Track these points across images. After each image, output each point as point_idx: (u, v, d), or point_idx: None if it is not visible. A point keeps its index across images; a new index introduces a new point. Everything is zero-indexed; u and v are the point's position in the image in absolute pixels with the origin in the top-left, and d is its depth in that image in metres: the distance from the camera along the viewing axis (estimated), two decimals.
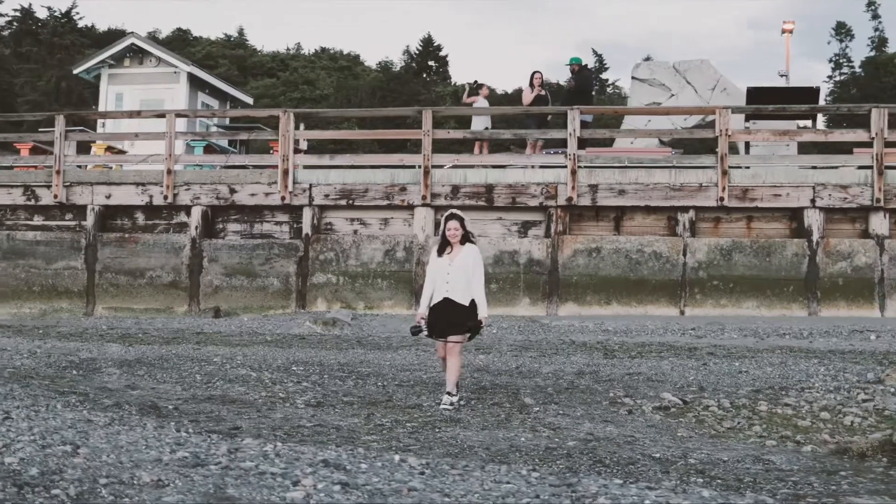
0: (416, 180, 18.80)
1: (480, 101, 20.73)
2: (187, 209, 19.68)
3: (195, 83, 28.53)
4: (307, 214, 19.12)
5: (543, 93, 20.16)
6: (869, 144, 18.60)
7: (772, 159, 18.89)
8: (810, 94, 20.48)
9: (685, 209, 18.37)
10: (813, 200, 18.11)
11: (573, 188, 18.26)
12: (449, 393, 8.72)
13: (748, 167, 18.84)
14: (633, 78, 29.14)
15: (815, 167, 18.75)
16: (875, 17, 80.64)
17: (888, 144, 18.18)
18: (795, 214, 18.39)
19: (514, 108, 21.81)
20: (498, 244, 18.54)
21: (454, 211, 9.48)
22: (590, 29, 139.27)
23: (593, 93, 20.38)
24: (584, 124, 18.91)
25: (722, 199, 18.08)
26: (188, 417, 7.35)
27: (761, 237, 18.42)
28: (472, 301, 8.98)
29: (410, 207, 18.88)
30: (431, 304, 9.10)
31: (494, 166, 19.24)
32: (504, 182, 18.68)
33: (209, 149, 22.58)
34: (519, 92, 69.60)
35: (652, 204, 18.35)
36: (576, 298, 18.29)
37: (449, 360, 8.90)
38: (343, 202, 19.00)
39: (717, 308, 18.03)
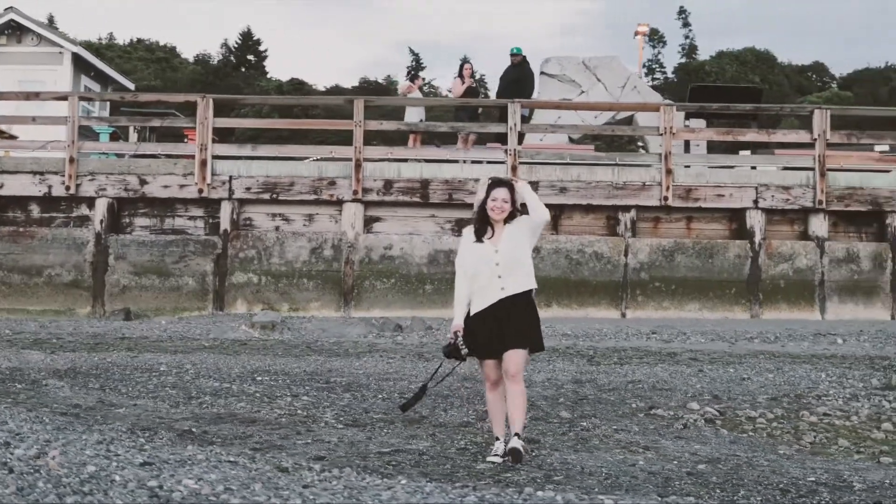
0: (347, 174, 18.24)
1: (415, 93, 20.37)
2: (90, 201, 18.56)
3: (80, 65, 27.35)
4: (226, 209, 18.32)
5: (474, 84, 19.88)
6: (801, 146, 19.13)
7: (716, 159, 19.17)
8: (754, 93, 20.88)
9: (627, 208, 18.40)
10: (756, 201, 18.38)
11: None
12: (518, 434, 6.67)
13: (688, 166, 19.04)
14: (542, 73, 29.16)
15: (754, 167, 19.13)
16: (686, 25, 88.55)
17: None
18: (736, 215, 18.63)
19: (449, 99, 21.52)
20: (433, 243, 18.20)
21: (499, 177, 7.47)
22: (409, 28, 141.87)
23: (534, 86, 20.21)
24: (521, 118, 18.75)
25: (666, 198, 18.16)
26: (239, 444, 6.59)
27: (702, 238, 18.59)
28: (532, 292, 6.98)
29: (339, 203, 18.31)
30: (474, 312, 6.91)
31: (429, 160, 18.90)
32: (440, 177, 18.32)
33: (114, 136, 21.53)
34: (337, 88, 70.96)
35: (594, 202, 18.28)
36: None
37: (512, 388, 6.73)
38: (266, 196, 18.29)
39: (660, 310, 18.11)
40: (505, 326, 6.85)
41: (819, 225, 18.50)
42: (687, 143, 20.87)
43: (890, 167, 20.10)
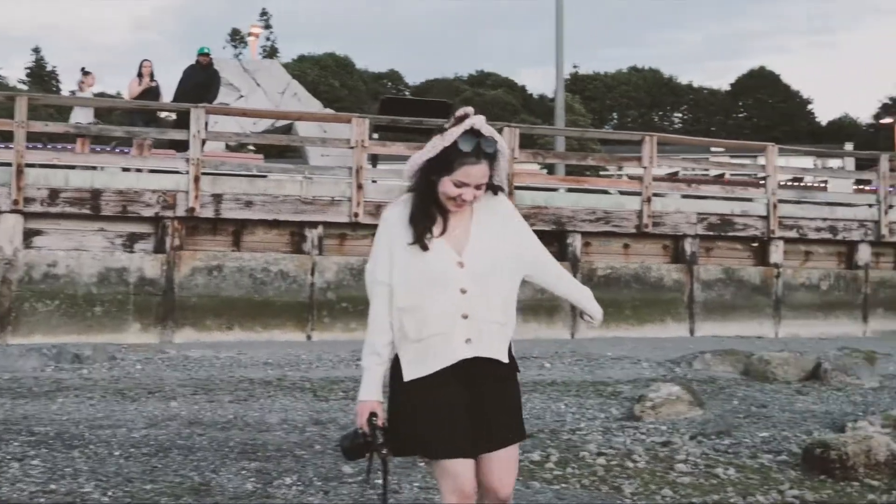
0: (5, 181, 17.01)
1: (84, 92, 19.31)
2: None
3: None
4: None
5: (155, 84, 19.15)
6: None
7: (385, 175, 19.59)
8: (443, 107, 21.56)
9: (314, 224, 18.37)
10: None
11: (196, 197, 17.51)
12: None
13: (374, 181, 19.34)
14: None
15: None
16: (268, 26, 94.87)
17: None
18: None
19: (124, 101, 20.58)
20: (103, 260, 17.24)
21: (469, 112, 3.92)
22: None
23: (218, 91, 19.74)
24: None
25: (356, 214, 18.29)
26: None
27: None
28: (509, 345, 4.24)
29: None
30: (412, 377, 4.07)
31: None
32: (114, 187, 17.40)
33: None
34: None
35: (281, 218, 18.10)
36: (194, 323, 17.53)
37: None
38: None
39: (347, 332, 18.09)
40: (481, 405, 4.09)
41: None
42: (374, 157, 21.27)
43: (565, 186, 21.54)
